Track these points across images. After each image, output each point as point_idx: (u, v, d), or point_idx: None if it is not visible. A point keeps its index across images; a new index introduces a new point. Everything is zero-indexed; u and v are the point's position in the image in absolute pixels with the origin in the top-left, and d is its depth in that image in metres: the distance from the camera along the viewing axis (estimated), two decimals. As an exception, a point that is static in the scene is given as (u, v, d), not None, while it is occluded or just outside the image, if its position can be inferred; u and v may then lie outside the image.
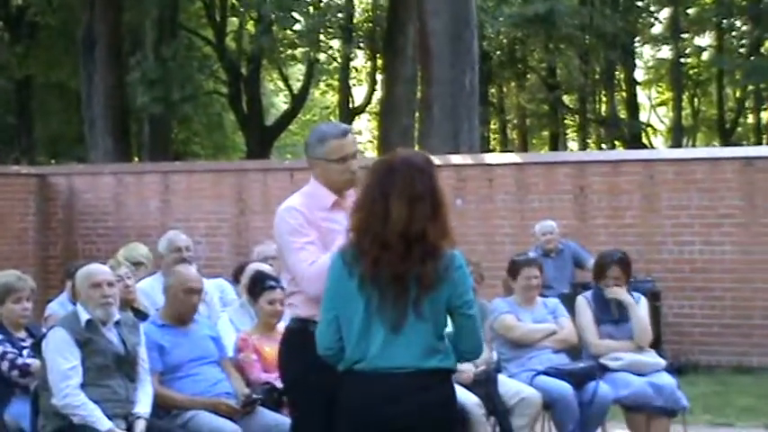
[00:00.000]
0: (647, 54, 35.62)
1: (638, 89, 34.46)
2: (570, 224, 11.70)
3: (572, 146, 37.47)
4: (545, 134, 37.49)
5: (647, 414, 6.79)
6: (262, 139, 27.39)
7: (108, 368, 5.55)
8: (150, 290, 7.34)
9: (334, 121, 26.50)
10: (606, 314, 7.10)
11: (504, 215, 12.10)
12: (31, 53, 26.07)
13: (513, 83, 34.95)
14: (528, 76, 34.32)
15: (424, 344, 3.85)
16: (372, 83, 31.55)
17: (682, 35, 31.23)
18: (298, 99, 30.37)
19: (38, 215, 13.87)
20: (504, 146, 35.73)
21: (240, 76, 27.25)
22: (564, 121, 36.17)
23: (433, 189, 3.91)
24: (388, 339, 3.83)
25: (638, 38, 32.14)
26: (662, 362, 7.07)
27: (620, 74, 33.16)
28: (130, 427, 5.50)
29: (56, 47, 25.97)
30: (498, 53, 31.52)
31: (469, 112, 15.44)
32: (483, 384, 6.64)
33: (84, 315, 5.61)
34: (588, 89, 33.11)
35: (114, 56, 20.61)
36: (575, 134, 37.95)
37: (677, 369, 8.69)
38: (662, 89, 38.02)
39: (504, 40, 30.55)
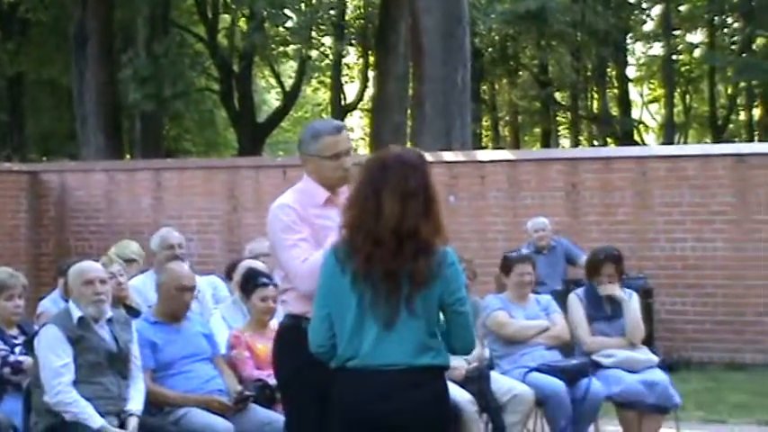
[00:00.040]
0: (638, 51, 35.66)
1: (629, 86, 34.44)
2: (562, 221, 11.71)
3: (564, 143, 37.51)
4: (537, 131, 37.50)
5: (639, 411, 6.81)
6: (254, 136, 27.32)
7: (100, 365, 5.55)
8: (142, 287, 7.34)
9: (328, 117, 26.53)
10: (598, 311, 7.12)
11: (497, 212, 12.10)
12: (23, 50, 25.95)
13: (505, 80, 34.93)
14: (520, 73, 34.31)
15: (416, 341, 3.84)
16: (364, 80, 31.51)
17: (673, 32, 31.24)
18: (290, 96, 30.32)
19: (30, 212, 13.83)
20: (497, 143, 35.70)
21: (232, 73, 27.18)
22: (556, 118, 36.18)
23: (426, 186, 3.91)
24: (381, 336, 3.83)
25: (629, 35, 32.14)
26: (654, 359, 7.09)
27: (611, 71, 33.23)
28: (123, 425, 5.50)
29: (47, 43, 25.87)
30: (490, 50, 31.51)
31: (461, 109, 15.45)
32: (475, 381, 6.64)
33: (77, 312, 5.61)
34: (580, 86, 33.17)
35: (106, 53, 20.57)
36: (567, 131, 37.99)
37: (669, 366, 8.69)
38: (654, 86, 38.05)
39: (496, 37, 30.55)
